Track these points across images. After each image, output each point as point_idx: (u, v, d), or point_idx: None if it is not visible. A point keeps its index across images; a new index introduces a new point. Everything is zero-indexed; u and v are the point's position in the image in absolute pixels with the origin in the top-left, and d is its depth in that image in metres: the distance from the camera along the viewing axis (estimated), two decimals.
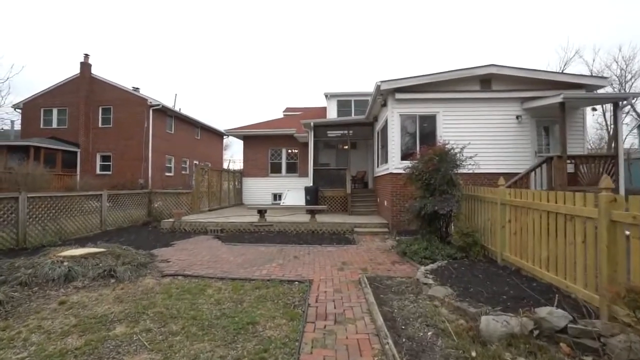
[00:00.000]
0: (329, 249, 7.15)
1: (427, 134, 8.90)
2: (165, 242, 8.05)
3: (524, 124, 8.68)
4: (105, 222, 9.79)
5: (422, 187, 6.23)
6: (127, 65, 75.58)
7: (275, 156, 17.84)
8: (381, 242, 7.96)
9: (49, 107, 19.32)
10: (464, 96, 8.73)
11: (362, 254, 6.62)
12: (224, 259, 6.31)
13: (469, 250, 5.42)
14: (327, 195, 12.72)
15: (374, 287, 4.40)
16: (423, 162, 6.13)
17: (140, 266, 5.45)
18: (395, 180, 8.81)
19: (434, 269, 4.69)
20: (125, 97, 18.81)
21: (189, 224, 9.79)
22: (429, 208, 5.77)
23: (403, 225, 8.71)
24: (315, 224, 9.31)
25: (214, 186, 14.15)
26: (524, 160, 8.60)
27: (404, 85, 8.65)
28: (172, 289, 4.53)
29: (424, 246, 5.76)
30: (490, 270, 4.64)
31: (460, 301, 3.43)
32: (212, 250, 7.02)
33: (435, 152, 6.06)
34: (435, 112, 8.83)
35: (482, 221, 5.79)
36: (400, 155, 8.87)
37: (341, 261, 6.06)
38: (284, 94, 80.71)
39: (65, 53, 66.44)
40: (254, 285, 4.68)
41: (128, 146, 18.66)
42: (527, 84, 8.66)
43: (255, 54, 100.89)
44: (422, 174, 6.11)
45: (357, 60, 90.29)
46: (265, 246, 7.48)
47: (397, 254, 6.43)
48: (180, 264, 5.86)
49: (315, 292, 4.42)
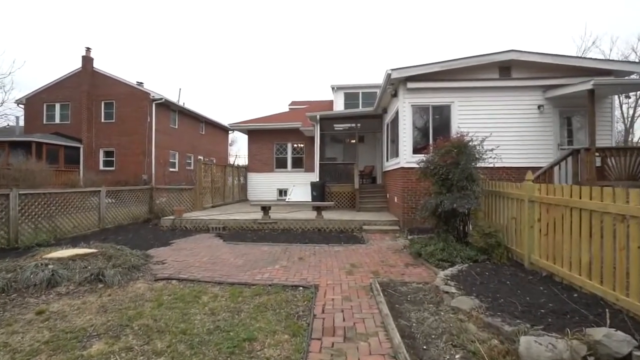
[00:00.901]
0: (336, 249, 6.69)
1: (441, 126, 8.34)
2: (164, 241, 7.67)
3: (546, 114, 8.06)
4: (103, 219, 9.46)
5: (437, 183, 5.71)
6: (131, 60, 75.62)
7: (281, 151, 17.40)
8: (392, 241, 7.47)
9: (51, 102, 19.09)
10: (481, 85, 8.13)
11: (373, 255, 6.14)
12: (223, 260, 5.89)
13: (491, 252, 4.90)
14: (334, 191, 12.24)
15: (388, 295, 3.93)
16: (439, 155, 5.60)
17: (132, 269, 5.05)
18: (406, 175, 8.29)
19: (454, 274, 4.19)
20: (127, 91, 18.48)
21: (190, 221, 9.41)
22: (446, 205, 5.25)
23: (415, 222, 8.21)
24: (321, 222, 8.85)
25: (218, 182, 13.76)
26: (546, 154, 8.00)
27: (416, 74, 8.08)
28: (164, 295, 4.12)
29: (441, 247, 5.25)
30: (518, 276, 4.12)
31: (491, 316, 2.94)
32: (212, 250, 6.60)
33: (454, 144, 5.53)
34: (449, 102, 8.25)
35: (505, 220, 5.27)
36: (412, 149, 8.33)
37: (350, 263, 5.59)
38: (290, 88, 79.99)
39: (69, 48, 66.66)
40: (254, 291, 4.24)
41: (131, 141, 18.36)
42: (550, 71, 8.02)
43: (260, 47, 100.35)
44: (438, 168, 5.59)
45: (365, 52, 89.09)
46: (269, 245, 7.05)
47: (410, 255, 5.94)
48: (177, 266, 5.45)
49: (321, 299, 3.96)
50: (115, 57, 65.30)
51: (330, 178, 12.64)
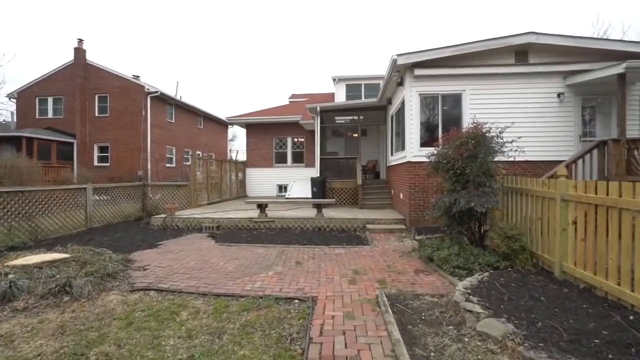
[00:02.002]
0: (337, 251, 6.10)
1: (451, 117, 7.68)
2: (151, 242, 7.10)
3: (566, 103, 7.37)
4: (91, 218, 8.90)
5: (451, 179, 5.07)
6: (128, 53, 74.82)
7: (281, 145, 16.78)
8: (398, 241, 6.87)
9: (44, 96, 18.48)
10: (496, 71, 7.45)
11: (378, 259, 5.54)
12: (213, 264, 5.31)
13: (514, 259, 4.28)
14: (336, 187, 11.63)
15: (398, 312, 3.33)
16: (453, 147, 4.96)
17: (107, 277, 4.48)
18: (413, 170, 7.66)
19: (475, 286, 3.59)
20: (121, 84, 17.84)
21: (182, 220, 8.84)
22: (462, 204, 4.62)
23: (422, 221, 7.60)
24: (322, 220, 8.26)
25: (215, 178, 13.19)
26: (566, 146, 7.34)
27: (424, 59, 7.41)
28: (137, 311, 3.54)
29: (455, 252, 4.64)
30: (550, 289, 3.51)
31: (532, 348, 2.33)
32: (201, 253, 6.03)
33: (470, 134, 4.89)
34: (460, 90, 7.58)
35: (528, 220, 4.64)
36: (419, 142, 7.68)
37: (352, 268, 5.00)
38: (291, 81, 78.63)
39: (63, 40, 65.85)
40: (243, 305, 3.66)
41: (126, 136, 17.77)
42: (572, 55, 7.32)
43: (260, 39, 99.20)
44: (452, 162, 4.95)
45: (368, 43, 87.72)
46: (264, 247, 6.47)
47: (420, 260, 5.34)
48: (159, 273, 4.87)
49: (319, 316, 3.37)
50: (111, 51, 64.67)
51: (332, 173, 12.02)
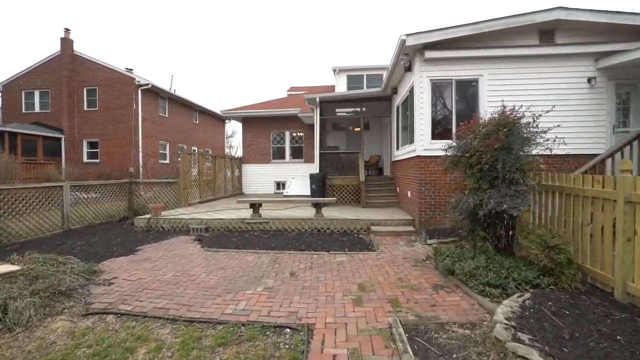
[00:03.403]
0: (339, 259, 5.29)
1: (466, 106, 6.84)
2: (130, 246, 6.31)
3: (598, 88, 6.52)
4: (68, 219, 8.11)
5: (474, 175, 4.24)
6: (122, 47, 73.67)
7: (278, 140, 15.96)
8: (407, 246, 6.06)
9: (30, 89, 17.60)
10: (517, 53, 6.58)
11: (386, 269, 4.73)
12: (193, 277, 4.51)
13: (558, 274, 3.47)
14: (336, 183, 10.81)
15: (420, 352, 2.53)
16: (479, 137, 4.13)
17: (60, 296, 3.69)
18: (423, 166, 6.83)
19: (518, 313, 2.78)
20: (111, 76, 16.93)
21: (169, 220, 8.03)
22: (491, 206, 3.80)
23: (433, 222, 6.80)
24: (321, 221, 7.45)
25: (208, 174, 12.37)
26: (597, 138, 6.50)
27: (436, 40, 6.54)
28: (82, 346, 2.75)
29: (483, 263, 3.82)
30: (620, 320, 2.69)
31: None
32: (182, 262, 5.22)
33: (500, 122, 4.05)
34: (477, 75, 6.72)
35: (571, 226, 3.83)
36: (430, 134, 6.84)
37: (357, 282, 4.20)
38: (289, 75, 76.59)
39: (53, 32, 64.66)
40: (219, 337, 2.87)
41: (116, 131, 16.92)
42: (605, 34, 6.45)
43: (258, 32, 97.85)
44: (476, 155, 4.11)
45: (370, 34, 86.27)
46: (255, 254, 5.67)
47: (436, 270, 4.53)
48: (126, 288, 4.07)
49: (316, 355, 2.58)
50: (104, 45, 63.44)
51: (332, 169, 11.19)
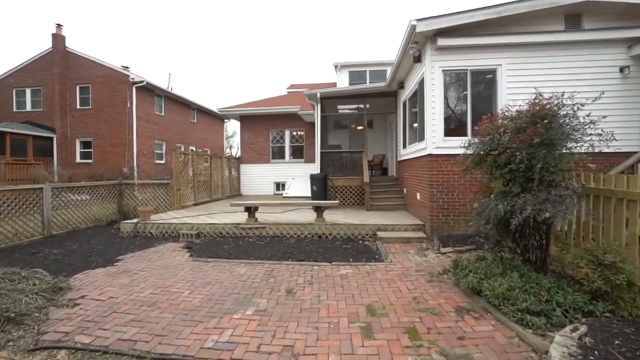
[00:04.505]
0: (343, 271, 4.65)
1: (483, 100, 6.21)
2: (110, 255, 5.69)
3: (632, 79, 5.86)
4: (49, 224, 7.49)
5: (503, 176, 3.59)
6: (119, 45, 73.04)
7: (278, 139, 15.33)
8: (419, 255, 5.41)
9: (21, 88, 16.99)
10: (540, 40, 5.92)
11: (398, 285, 4.08)
12: (174, 295, 3.87)
13: (616, 298, 2.82)
14: (338, 184, 10.16)
15: None
16: (511, 131, 3.47)
17: (7, 323, 3.06)
18: (435, 165, 6.18)
19: (580, 357, 2.12)
20: (104, 73, 16.31)
21: (157, 225, 7.41)
22: (528, 213, 3.14)
23: (446, 228, 6.15)
24: (322, 226, 6.81)
25: (204, 175, 11.75)
26: (632, 134, 5.84)
27: (450, 26, 5.89)
28: None
29: (518, 283, 3.16)
30: None
31: None
32: (165, 275, 4.59)
33: (536, 113, 3.40)
34: (495, 65, 6.06)
35: (622, 238, 3.17)
36: (443, 130, 6.19)
37: (365, 303, 3.55)
38: (290, 73, 75.45)
39: (46, 29, 64.18)
40: None
41: (110, 130, 16.31)
42: (638, 18, 5.80)
43: (257, 29, 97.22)
44: (506, 153, 3.45)
45: (373, 30, 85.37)
46: (249, 265, 5.03)
47: (456, 287, 3.88)
48: (91, 312, 3.44)
49: None
50: (101, 43, 62.82)
51: (334, 169, 10.54)
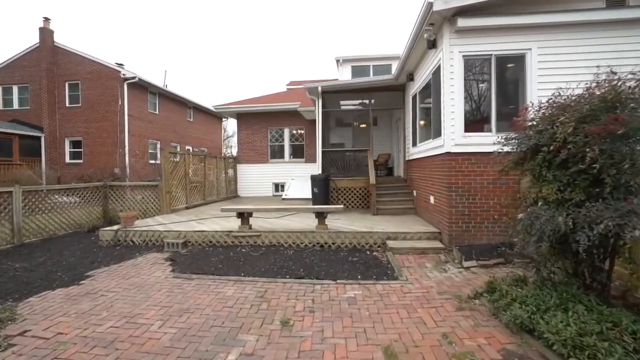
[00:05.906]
0: (350, 293, 3.85)
1: (509, 90, 5.41)
2: (79, 271, 4.90)
3: None
4: (20, 231, 6.72)
5: (558, 179, 2.79)
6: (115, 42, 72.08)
7: (277, 138, 14.53)
8: (438, 270, 4.61)
9: (8, 85, 16.23)
10: (578, 19, 5.12)
11: (421, 315, 3.27)
12: (140, 329, 3.08)
13: None
14: (342, 186, 9.37)
15: None
16: (573, 120, 2.66)
17: None
18: (454, 165, 5.38)
19: None
20: (94, 69, 15.55)
21: (141, 233, 6.62)
22: (603, 228, 2.33)
23: (467, 237, 5.35)
24: (325, 234, 6.01)
25: (197, 175, 10.97)
26: None
27: (472, 3, 5.09)
28: None
29: (589, 322, 2.36)
30: None
31: None
32: (136, 299, 3.80)
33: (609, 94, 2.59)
34: (524, 49, 5.26)
35: None
36: (463, 125, 5.39)
37: (382, 344, 2.75)
38: (289, 70, 73.91)
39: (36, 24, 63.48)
40: None
41: (101, 129, 15.55)
42: None
43: (256, 24, 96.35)
44: (567, 149, 2.65)
45: (376, 23, 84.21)
46: (238, 283, 4.24)
47: (495, 318, 3.08)
48: (25, 358, 2.65)
49: None
50: (98, 41, 62.01)
51: (336, 170, 9.75)
